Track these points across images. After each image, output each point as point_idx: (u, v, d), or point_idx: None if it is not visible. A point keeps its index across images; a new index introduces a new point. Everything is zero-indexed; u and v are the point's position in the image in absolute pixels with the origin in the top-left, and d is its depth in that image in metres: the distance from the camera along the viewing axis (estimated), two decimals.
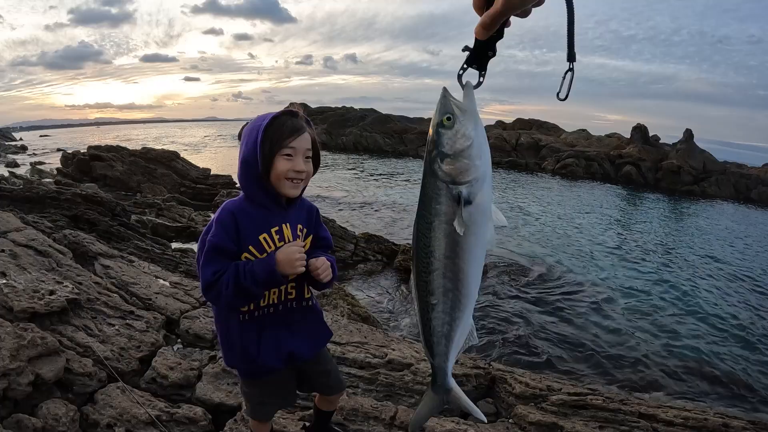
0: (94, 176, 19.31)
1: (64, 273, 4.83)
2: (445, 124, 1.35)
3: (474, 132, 1.32)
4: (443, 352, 1.54)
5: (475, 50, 1.30)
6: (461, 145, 1.32)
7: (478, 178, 1.33)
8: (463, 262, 1.40)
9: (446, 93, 1.36)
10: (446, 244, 1.38)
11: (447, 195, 1.34)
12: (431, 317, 1.49)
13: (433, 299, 1.46)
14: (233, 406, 3.48)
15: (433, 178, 1.37)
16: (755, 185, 40.78)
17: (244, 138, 2.14)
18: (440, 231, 1.38)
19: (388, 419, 3.41)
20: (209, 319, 4.85)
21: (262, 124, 2.06)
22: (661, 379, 7.25)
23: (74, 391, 3.35)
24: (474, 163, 1.32)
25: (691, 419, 3.83)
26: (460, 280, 1.42)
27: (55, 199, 9.61)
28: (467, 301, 1.46)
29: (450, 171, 1.33)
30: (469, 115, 1.33)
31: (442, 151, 1.35)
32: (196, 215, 14.55)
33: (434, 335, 1.51)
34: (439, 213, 1.37)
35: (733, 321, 10.60)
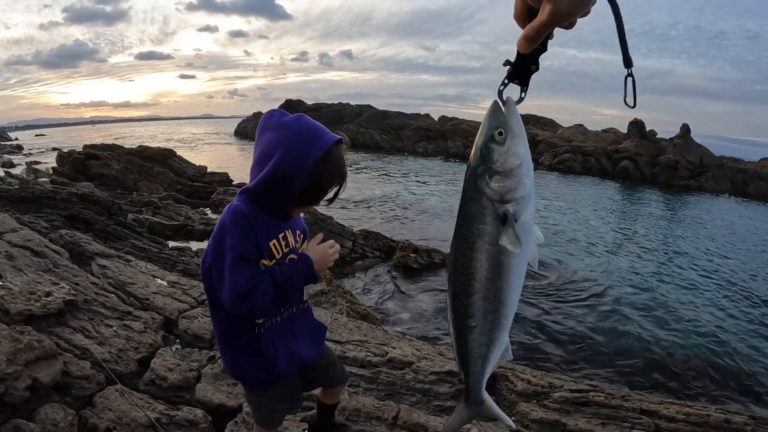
0: (90, 175, 19.27)
1: (61, 274, 4.79)
2: (497, 139, 1.26)
3: (525, 150, 1.26)
4: (479, 371, 1.51)
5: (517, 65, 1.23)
6: (512, 163, 1.25)
7: (525, 196, 1.27)
8: (505, 283, 1.34)
9: (497, 106, 1.27)
10: (489, 266, 1.32)
11: (492, 214, 1.28)
12: (469, 339, 1.44)
13: (472, 322, 1.41)
14: (233, 408, 3.45)
15: (478, 195, 1.29)
16: (752, 180, 40.83)
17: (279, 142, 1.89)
18: (483, 252, 1.31)
19: (390, 419, 3.38)
20: (208, 319, 4.81)
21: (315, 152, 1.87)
22: (662, 376, 7.24)
23: (72, 394, 3.31)
24: (523, 182, 1.25)
25: (693, 415, 3.82)
26: (501, 302, 1.37)
27: (51, 199, 9.56)
28: (506, 321, 1.42)
29: (499, 189, 1.26)
30: (519, 132, 1.26)
31: (492, 168, 1.26)
32: (193, 213, 14.52)
33: (471, 356, 1.47)
34: (483, 233, 1.30)
35: (734, 316, 10.61)
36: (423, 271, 10.97)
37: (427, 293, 9.49)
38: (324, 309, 6.26)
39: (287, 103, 68.53)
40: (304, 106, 67.13)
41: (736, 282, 13.42)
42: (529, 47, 1.13)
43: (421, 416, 3.41)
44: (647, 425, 3.77)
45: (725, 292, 12.31)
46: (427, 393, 3.98)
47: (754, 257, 17.34)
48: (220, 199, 16.33)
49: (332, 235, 12.00)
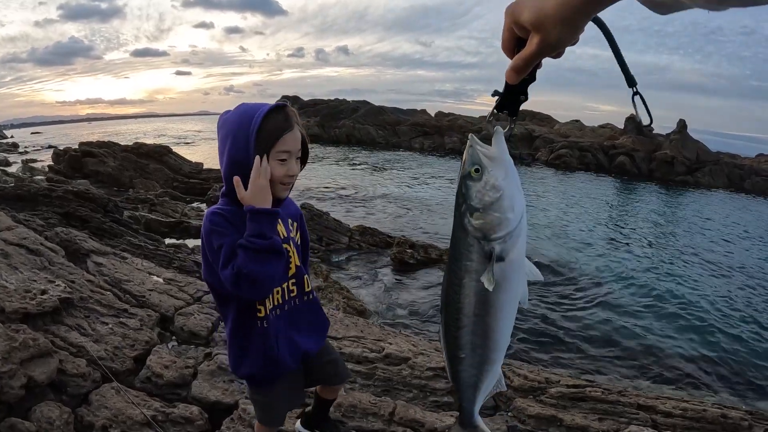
0: (86, 173, 19.24)
1: (56, 271, 4.78)
2: (473, 176, 1.27)
3: (504, 182, 1.24)
4: (471, 398, 1.52)
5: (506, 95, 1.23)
6: (491, 197, 1.24)
7: (511, 232, 1.25)
8: (493, 320, 1.34)
9: (473, 142, 1.28)
10: (476, 302, 1.32)
11: (478, 251, 1.28)
12: (459, 369, 1.45)
13: (461, 353, 1.42)
14: (230, 404, 3.45)
15: (464, 233, 1.30)
16: (748, 175, 40.88)
17: (227, 132, 1.98)
18: (470, 288, 1.32)
19: (387, 415, 3.38)
20: (204, 316, 4.81)
21: (253, 122, 1.91)
22: (659, 371, 7.25)
23: (68, 392, 3.31)
24: (506, 216, 1.24)
25: (689, 410, 3.83)
26: (489, 338, 1.37)
27: (47, 197, 9.55)
28: (496, 356, 1.42)
29: (480, 226, 1.26)
30: (498, 164, 1.25)
31: (471, 205, 1.27)
32: (189, 210, 14.51)
33: (462, 384, 1.48)
34: (470, 270, 1.30)
35: (731, 312, 10.63)
36: (419, 266, 10.98)
37: (424, 289, 9.50)
38: None
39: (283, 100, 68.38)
40: (301, 102, 67.04)
41: (732, 277, 13.45)
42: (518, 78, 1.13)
43: (418, 412, 3.42)
44: (644, 420, 3.78)
45: (722, 288, 12.33)
46: (423, 389, 3.98)
47: (751, 252, 17.37)
48: (216, 195, 16.33)
49: (328, 230, 12.01)
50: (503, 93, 1.23)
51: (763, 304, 11.37)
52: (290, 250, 2.15)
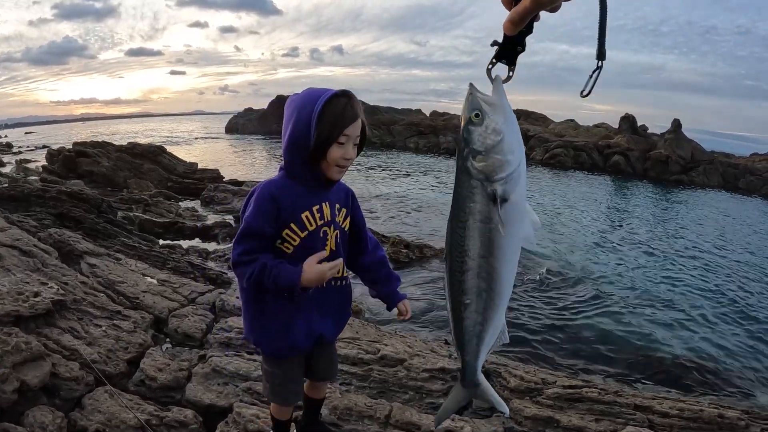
0: (80, 173, 19.17)
1: (50, 273, 4.76)
2: (474, 121, 1.30)
3: (504, 126, 1.28)
4: (474, 351, 1.52)
5: (504, 45, 1.26)
6: (492, 140, 1.29)
7: (512, 174, 1.29)
8: (497, 262, 1.37)
9: (473, 89, 1.32)
10: (481, 244, 1.35)
11: (481, 193, 1.31)
12: (463, 316, 1.46)
13: (466, 299, 1.43)
14: (224, 408, 3.43)
15: (467, 177, 1.33)
16: (743, 174, 40.98)
17: (292, 111, 2.07)
18: (475, 230, 1.35)
19: (383, 418, 3.37)
20: (198, 317, 4.80)
21: (318, 103, 2.01)
22: (655, 371, 7.25)
23: (61, 396, 3.29)
24: (506, 159, 1.28)
25: (686, 410, 3.85)
26: (494, 280, 1.39)
27: (41, 197, 9.50)
28: (500, 301, 1.43)
29: (483, 168, 1.30)
30: (498, 110, 1.29)
31: (473, 149, 1.31)
32: (184, 211, 14.47)
33: (466, 334, 1.49)
34: (474, 212, 1.33)
35: (726, 311, 10.63)
36: (415, 266, 10.96)
37: (420, 289, 9.48)
38: None
39: (278, 99, 68.46)
40: None
41: (728, 277, 13.46)
42: (515, 30, 1.16)
43: (414, 414, 3.40)
44: (641, 420, 3.78)
45: (718, 287, 12.33)
46: (419, 390, 3.97)
47: (746, 252, 17.40)
48: (210, 195, 16.28)
49: None
50: (502, 43, 1.26)
51: (759, 303, 11.39)
52: (329, 233, 2.21)
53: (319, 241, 2.16)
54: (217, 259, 10.02)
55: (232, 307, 5.12)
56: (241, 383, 3.69)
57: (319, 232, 2.16)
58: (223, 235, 12.08)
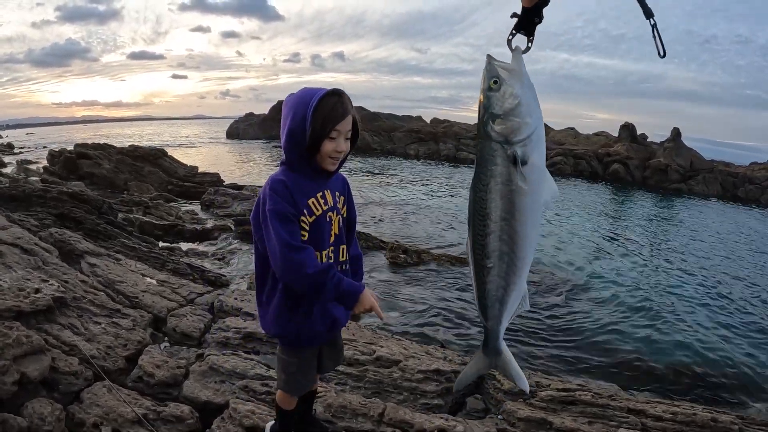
0: (81, 174, 19.18)
1: (50, 271, 4.80)
2: (492, 87, 1.36)
3: (521, 91, 1.34)
4: (496, 315, 1.55)
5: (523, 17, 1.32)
6: (510, 104, 1.34)
7: (531, 136, 1.34)
8: (519, 224, 1.41)
9: (491, 59, 1.37)
10: (503, 206, 1.40)
11: (502, 155, 1.36)
12: (486, 280, 1.49)
13: (489, 262, 1.46)
14: (220, 404, 3.47)
15: (488, 141, 1.39)
16: (742, 183, 40.96)
17: (289, 109, 2.22)
18: (496, 192, 1.39)
19: (376, 416, 3.41)
20: (196, 317, 4.84)
21: (312, 102, 2.15)
22: (649, 376, 7.26)
23: (60, 390, 3.33)
24: (525, 121, 1.33)
25: (679, 414, 3.86)
26: (516, 243, 1.43)
27: (42, 197, 9.53)
28: (522, 264, 1.46)
29: (502, 131, 1.35)
30: (515, 75, 1.34)
31: (492, 113, 1.36)
32: (184, 213, 14.50)
33: (488, 298, 1.52)
34: (495, 174, 1.39)
35: (722, 318, 10.65)
36: (413, 271, 10.98)
37: (417, 294, 9.49)
38: None
39: (279, 104, 68.32)
40: None
41: (725, 285, 13.46)
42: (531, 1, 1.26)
43: (407, 413, 3.44)
44: (634, 424, 3.81)
45: (713, 294, 12.34)
46: (413, 391, 4.00)
47: (744, 260, 17.42)
48: (210, 199, 16.29)
49: None
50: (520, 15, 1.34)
51: (755, 311, 11.41)
52: (333, 218, 2.34)
53: (326, 226, 2.29)
54: (216, 262, 10.06)
55: (230, 308, 5.16)
56: (238, 381, 3.73)
57: (325, 217, 2.29)
58: (223, 239, 12.11)
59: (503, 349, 1.64)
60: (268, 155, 44.71)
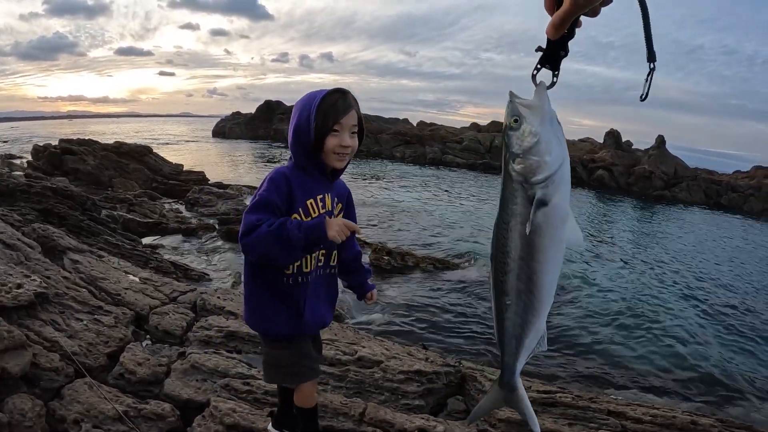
0: (66, 170, 19.04)
1: (33, 267, 4.77)
2: (513, 126, 1.35)
3: (541, 128, 1.32)
4: (513, 352, 1.55)
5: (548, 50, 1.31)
6: (529, 143, 1.33)
7: (553, 176, 1.32)
8: (537, 264, 1.40)
9: (512, 96, 1.37)
10: (521, 246, 1.38)
11: (523, 196, 1.35)
12: (504, 317, 1.49)
13: (507, 299, 1.46)
14: (202, 403, 3.46)
15: (509, 180, 1.38)
16: (725, 191, 41.33)
17: (296, 110, 2.27)
18: (516, 232, 1.39)
19: (357, 415, 3.42)
20: (179, 315, 4.83)
21: (315, 100, 2.20)
22: (629, 378, 7.33)
23: (41, 386, 3.30)
24: (544, 160, 1.32)
25: (659, 416, 3.90)
26: (533, 283, 1.42)
27: (25, 192, 9.48)
28: (540, 306, 1.46)
29: (521, 170, 1.34)
30: (536, 112, 1.33)
31: (512, 152, 1.36)
32: (168, 212, 14.44)
33: (506, 335, 1.52)
34: (515, 214, 1.38)
35: (702, 322, 10.74)
36: (396, 273, 11.00)
37: (400, 295, 9.51)
38: None
39: (266, 104, 68.22)
40: (284, 107, 66.89)
41: (705, 290, 13.58)
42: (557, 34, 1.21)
43: (388, 413, 3.45)
44: (614, 426, 3.84)
45: (694, 300, 12.44)
46: (395, 392, 4.02)
47: (724, 266, 17.58)
48: (195, 197, 16.24)
49: None
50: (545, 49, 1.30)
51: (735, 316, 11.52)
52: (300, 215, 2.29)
53: None
54: (200, 260, 10.04)
55: (213, 306, 5.15)
56: (219, 380, 3.72)
57: None
58: (206, 237, 12.09)
59: (518, 386, 1.65)
60: (254, 155, 44.57)
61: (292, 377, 2.50)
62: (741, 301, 13.00)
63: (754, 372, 8.38)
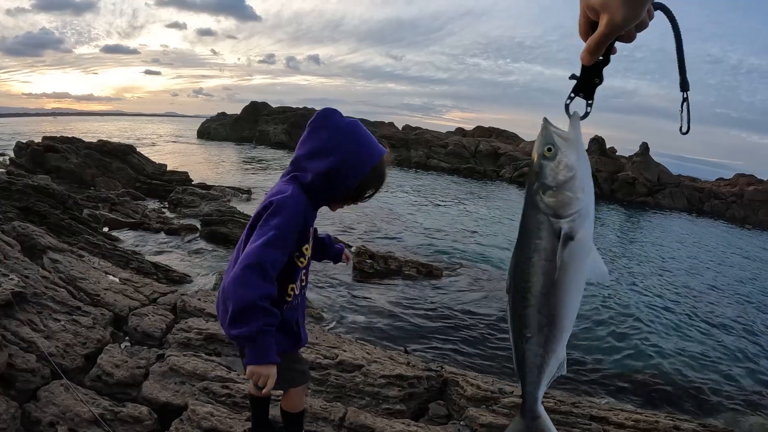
0: (48, 168, 18.88)
1: (11, 266, 4.71)
2: (547, 155, 1.32)
3: (577, 163, 1.29)
4: (534, 381, 1.52)
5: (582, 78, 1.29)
6: (564, 176, 1.29)
7: (581, 212, 1.30)
8: (559, 300, 1.37)
9: (547, 123, 1.33)
10: (544, 281, 1.35)
11: (548, 229, 1.32)
12: (525, 348, 1.47)
13: (528, 332, 1.43)
14: (180, 406, 3.43)
15: (535, 211, 1.34)
16: (708, 198, 41.77)
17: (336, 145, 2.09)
18: (538, 267, 1.35)
19: (337, 420, 3.40)
20: (158, 317, 4.79)
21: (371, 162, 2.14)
22: (611, 384, 7.34)
23: (16, 387, 3.26)
24: (577, 196, 1.29)
25: (642, 422, 3.91)
26: (555, 317, 1.39)
27: (6, 190, 9.38)
28: (561, 336, 1.44)
29: (552, 204, 1.31)
30: (572, 146, 1.30)
31: (544, 183, 1.32)
32: (150, 212, 14.36)
33: (527, 365, 1.49)
34: (539, 248, 1.34)
35: (684, 329, 10.80)
36: (378, 276, 10.97)
37: (382, 299, 9.49)
38: None
39: (252, 105, 68.08)
40: (269, 108, 66.78)
41: (687, 296, 13.66)
42: (591, 59, 1.20)
43: (368, 418, 3.43)
44: (596, 431, 3.83)
45: (676, 306, 12.50)
46: (376, 396, 4.00)
47: (706, 272, 17.72)
48: (178, 198, 16.16)
49: None
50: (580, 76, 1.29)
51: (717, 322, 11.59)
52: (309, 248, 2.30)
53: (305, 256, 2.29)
54: (181, 262, 9.97)
55: (193, 308, 5.11)
56: (198, 383, 3.69)
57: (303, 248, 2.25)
58: (189, 238, 12.02)
59: (541, 413, 1.63)
60: (238, 156, 44.41)
61: (283, 382, 2.41)
62: (723, 307, 13.09)
63: (736, 378, 8.43)
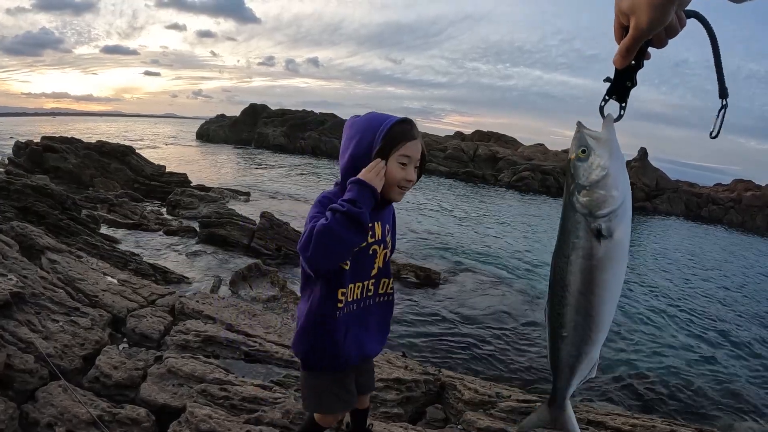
0: (46, 168, 18.85)
1: (10, 266, 4.71)
2: (581, 157, 1.36)
3: (610, 163, 1.32)
4: (566, 378, 1.55)
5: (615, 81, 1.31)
6: (597, 176, 1.32)
7: (617, 211, 1.32)
8: (597, 299, 1.39)
9: (580, 126, 1.37)
10: (581, 280, 1.38)
11: (585, 228, 1.34)
12: (560, 347, 1.49)
13: (564, 331, 1.46)
14: (178, 408, 3.42)
15: (572, 212, 1.37)
16: (705, 204, 41.85)
17: (355, 132, 2.10)
18: (576, 266, 1.38)
19: (335, 423, 3.38)
20: (157, 319, 4.79)
21: (382, 128, 2.03)
22: (609, 388, 7.34)
23: (15, 388, 3.26)
24: (611, 194, 1.31)
25: (639, 426, 3.90)
26: (591, 317, 1.41)
27: (4, 190, 9.36)
28: (596, 337, 1.45)
29: (587, 203, 1.33)
30: (604, 145, 1.33)
31: (578, 183, 1.35)
32: (149, 213, 14.35)
33: (560, 363, 1.52)
34: (577, 247, 1.37)
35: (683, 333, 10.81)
36: None
37: None
38: (275, 314, 6.23)
39: (252, 107, 68.09)
40: (268, 111, 66.79)
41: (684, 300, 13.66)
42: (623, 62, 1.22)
43: None
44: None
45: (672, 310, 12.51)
46: (373, 399, 3.99)
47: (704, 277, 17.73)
48: (177, 199, 16.14)
49: (288, 240, 11.93)
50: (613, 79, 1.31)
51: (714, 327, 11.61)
52: (379, 252, 2.21)
53: (368, 259, 2.18)
54: (180, 263, 9.96)
55: (191, 310, 5.10)
56: (196, 385, 3.68)
57: (368, 250, 2.16)
58: (187, 240, 12.01)
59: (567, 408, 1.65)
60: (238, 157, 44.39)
61: (324, 407, 2.37)
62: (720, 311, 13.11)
63: (733, 383, 8.43)
